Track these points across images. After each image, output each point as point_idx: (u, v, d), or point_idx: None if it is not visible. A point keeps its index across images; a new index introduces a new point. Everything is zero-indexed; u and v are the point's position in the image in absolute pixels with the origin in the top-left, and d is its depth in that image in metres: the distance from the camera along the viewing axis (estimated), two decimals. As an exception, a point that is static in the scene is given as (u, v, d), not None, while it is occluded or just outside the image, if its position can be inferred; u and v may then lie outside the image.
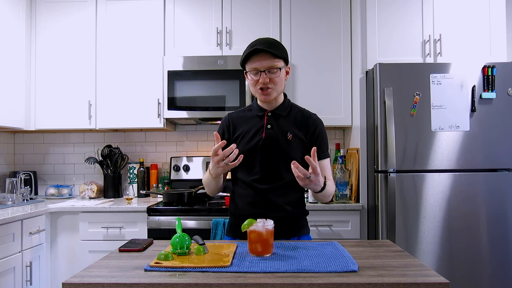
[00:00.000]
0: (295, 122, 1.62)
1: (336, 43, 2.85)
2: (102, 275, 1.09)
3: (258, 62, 1.51)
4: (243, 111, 1.70)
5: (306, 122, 1.63)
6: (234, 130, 1.64)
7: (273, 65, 1.52)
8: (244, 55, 1.53)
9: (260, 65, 1.51)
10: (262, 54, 1.51)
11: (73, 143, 3.27)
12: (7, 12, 2.70)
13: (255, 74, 1.53)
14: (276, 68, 1.52)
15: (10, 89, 2.72)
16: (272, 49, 1.50)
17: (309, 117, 1.65)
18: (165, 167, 3.22)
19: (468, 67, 2.39)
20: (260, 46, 1.50)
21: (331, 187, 1.58)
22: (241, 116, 1.67)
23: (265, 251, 1.26)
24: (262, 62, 1.51)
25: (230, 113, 1.71)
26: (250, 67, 1.54)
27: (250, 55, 1.52)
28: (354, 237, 2.49)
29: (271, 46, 1.52)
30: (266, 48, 1.49)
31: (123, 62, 2.90)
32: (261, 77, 1.52)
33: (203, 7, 2.89)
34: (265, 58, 1.51)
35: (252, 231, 1.26)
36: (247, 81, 1.59)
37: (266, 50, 1.49)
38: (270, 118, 1.61)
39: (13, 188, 2.63)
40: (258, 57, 1.51)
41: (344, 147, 3.11)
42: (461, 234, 2.34)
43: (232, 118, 1.67)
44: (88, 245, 2.51)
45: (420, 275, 1.07)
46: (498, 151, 2.37)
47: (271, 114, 1.61)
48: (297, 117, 1.64)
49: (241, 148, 1.58)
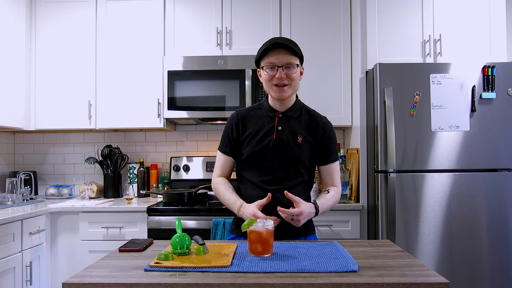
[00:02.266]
0: (305, 125, 1.62)
1: (336, 43, 2.85)
2: (102, 275, 1.09)
3: (276, 57, 1.50)
4: (252, 109, 1.67)
5: (316, 126, 1.62)
6: (244, 129, 1.62)
7: (291, 61, 1.51)
8: (263, 49, 1.52)
9: (278, 60, 1.50)
10: (280, 50, 1.50)
11: (73, 143, 3.27)
12: (7, 12, 2.70)
13: (271, 69, 1.51)
14: (293, 64, 1.52)
15: (10, 89, 2.72)
16: (291, 45, 1.51)
17: (320, 121, 1.64)
18: (165, 167, 3.22)
19: (468, 67, 2.39)
20: (280, 41, 1.50)
21: (330, 201, 1.59)
22: (251, 115, 1.64)
23: (265, 251, 1.25)
24: (280, 57, 1.50)
25: (239, 111, 1.68)
26: (266, 61, 1.52)
27: (268, 49, 1.51)
28: (354, 237, 2.49)
29: (289, 43, 1.52)
30: (286, 43, 1.50)
31: (123, 62, 2.90)
32: (278, 72, 1.50)
33: (203, 7, 2.89)
34: (283, 53, 1.50)
35: (252, 231, 1.26)
36: (261, 78, 1.58)
37: (285, 45, 1.49)
38: (281, 119, 1.60)
39: (13, 188, 2.63)
40: (276, 53, 1.50)
41: (344, 147, 3.11)
42: (461, 234, 2.34)
43: (242, 116, 1.64)
44: (88, 245, 2.51)
45: (420, 275, 1.07)
46: (498, 151, 2.37)
47: (282, 116, 1.60)
48: (307, 120, 1.63)
49: (251, 148, 1.58)
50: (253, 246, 1.26)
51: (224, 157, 1.67)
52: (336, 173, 1.65)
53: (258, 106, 1.68)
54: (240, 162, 1.65)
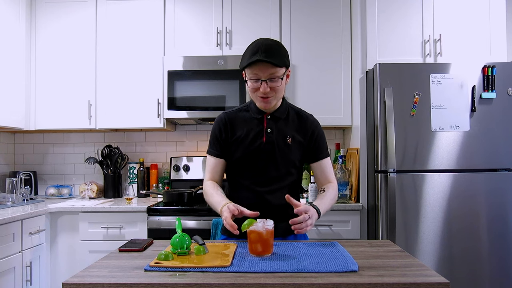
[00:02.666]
0: (293, 125, 1.61)
1: (336, 43, 2.85)
2: (102, 275, 1.09)
3: (260, 70, 1.45)
4: (240, 111, 1.65)
5: (304, 125, 1.62)
6: (233, 131, 1.61)
7: (275, 74, 1.46)
8: (246, 63, 1.46)
9: (262, 74, 1.46)
10: (263, 63, 1.44)
11: (73, 143, 3.27)
12: (7, 12, 2.70)
13: (255, 81, 1.48)
14: (277, 77, 1.47)
15: (10, 89, 2.72)
16: (274, 58, 1.43)
17: (307, 120, 1.64)
18: (165, 167, 3.22)
19: (468, 67, 2.39)
20: (262, 56, 1.42)
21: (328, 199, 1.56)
22: (239, 117, 1.63)
23: (265, 251, 1.26)
24: (264, 71, 1.45)
25: (226, 112, 1.66)
26: (250, 73, 1.48)
27: (250, 64, 1.46)
28: (354, 237, 2.49)
29: (273, 55, 1.44)
30: (268, 58, 1.42)
31: (123, 62, 2.90)
32: (262, 86, 1.46)
33: (203, 7, 2.89)
34: (266, 67, 1.44)
35: (252, 231, 1.26)
36: (246, 83, 1.55)
37: (268, 61, 1.43)
38: (269, 121, 1.59)
39: (13, 188, 2.63)
40: (259, 66, 1.45)
41: (344, 147, 3.11)
42: (461, 234, 2.34)
43: (230, 118, 1.63)
44: (88, 245, 2.51)
45: (420, 275, 1.07)
46: (498, 151, 2.37)
47: (271, 117, 1.59)
48: (295, 120, 1.63)
49: (241, 151, 1.57)
50: (253, 246, 1.26)
51: (215, 159, 1.64)
52: (328, 168, 1.64)
53: (245, 108, 1.65)
54: (230, 165, 1.64)
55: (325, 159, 1.65)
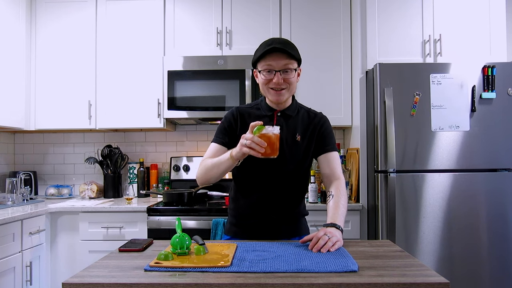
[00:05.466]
0: (303, 123, 1.61)
1: (336, 43, 2.85)
2: (102, 275, 1.09)
3: (274, 61, 1.47)
4: (251, 107, 1.65)
5: (313, 122, 1.62)
6: (243, 125, 1.59)
7: (289, 65, 1.48)
8: (260, 53, 1.49)
9: (276, 64, 1.48)
10: (278, 54, 1.47)
11: (73, 143, 3.27)
12: (7, 12, 2.70)
13: (268, 73, 1.49)
14: (291, 68, 1.49)
15: (10, 89, 2.72)
16: (289, 49, 1.47)
17: (315, 116, 1.64)
18: (165, 167, 3.22)
19: (468, 67, 2.39)
20: (278, 45, 1.46)
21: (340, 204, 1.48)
22: (250, 113, 1.62)
23: (273, 153, 1.36)
24: (278, 62, 1.47)
25: (238, 107, 1.66)
26: (264, 65, 1.49)
27: (266, 53, 1.48)
28: (354, 237, 2.49)
29: (287, 46, 1.49)
30: (284, 47, 1.46)
31: (123, 62, 2.90)
32: (276, 77, 1.48)
33: (203, 7, 2.89)
34: (281, 57, 1.47)
35: (262, 134, 1.35)
36: (257, 79, 1.56)
37: (283, 50, 1.46)
38: (279, 118, 1.59)
39: (13, 188, 2.63)
40: (274, 56, 1.47)
41: (344, 147, 3.11)
42: (461, 234, 2.34)
43: (241, 113, 1.62)
44: (88, 245, 2.51)
45: (420, 275, 1.07)
46: (498, 151, 2.37)
47: (281, 114, 1.59)
48: (305, 118, 1.63)
49: None
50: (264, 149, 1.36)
51: (219, 146, 1.58)
52: (335, 163, 1.60)
53: (256, 105, 1.66)
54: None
55: (333, 152, 1.62)
